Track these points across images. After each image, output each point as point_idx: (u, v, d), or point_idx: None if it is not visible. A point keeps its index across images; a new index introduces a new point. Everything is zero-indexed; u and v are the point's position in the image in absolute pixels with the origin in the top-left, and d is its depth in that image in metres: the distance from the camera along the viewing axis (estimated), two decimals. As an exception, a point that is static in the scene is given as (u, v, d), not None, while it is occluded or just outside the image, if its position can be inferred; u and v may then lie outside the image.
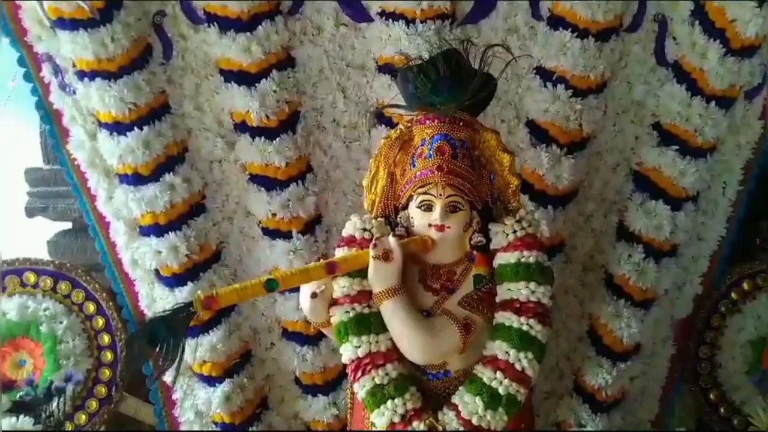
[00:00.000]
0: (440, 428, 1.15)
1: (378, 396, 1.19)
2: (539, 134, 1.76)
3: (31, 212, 2.09)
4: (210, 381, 1.77)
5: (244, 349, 1.82)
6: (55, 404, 1.49)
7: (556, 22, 1.70)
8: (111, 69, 1.59)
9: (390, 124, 1.66)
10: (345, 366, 1.26)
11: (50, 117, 1.72)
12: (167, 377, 1.77)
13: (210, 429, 1.79)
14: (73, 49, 1.58)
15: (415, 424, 1.16)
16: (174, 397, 1.83)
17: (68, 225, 2.09)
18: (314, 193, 1.75)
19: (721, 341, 1.95)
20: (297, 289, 1.36)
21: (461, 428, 1.16)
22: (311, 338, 1.78)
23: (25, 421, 1.29)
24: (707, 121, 1.73)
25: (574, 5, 1.66)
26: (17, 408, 1.38)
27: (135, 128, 1.63)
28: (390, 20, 1.66)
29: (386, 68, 1.70)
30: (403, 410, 1.18)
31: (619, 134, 1.84)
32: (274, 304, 1.82)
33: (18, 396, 1.47)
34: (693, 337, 1.96)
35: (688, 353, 1.96)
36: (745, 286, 1.95)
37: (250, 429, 1.78)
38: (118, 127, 1.64)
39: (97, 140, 1.70)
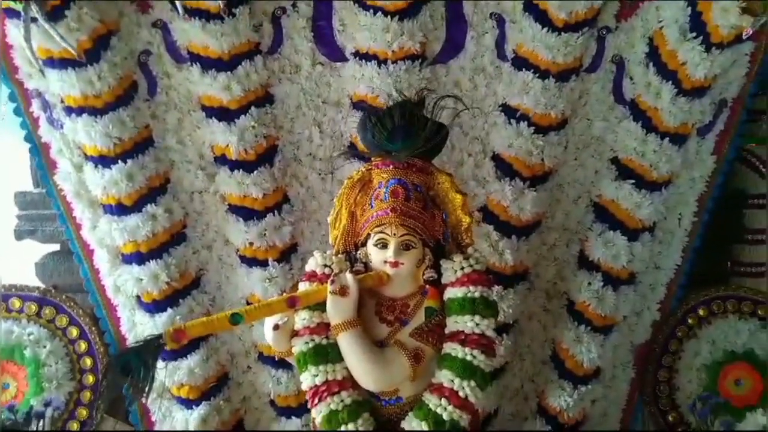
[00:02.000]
0: None
1: (333, 421, 1.24)
2: (504, 168, 1.82)
3: (20, 235, 2.11)
4: (187, 403, 1.80)
5: (221, 372, 1.85)
6: (34, 428, 1.51)
7: (520, 63, 1.77)
8: (97, 105, 1.64)
9: (364, 159, 1.72)
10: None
11: (38, 149, 1.76)
12: (146, 399, 1.82)
13: (187, 450, 1.82)
14: (61, 86, 1.63)
15: None
16: (152, 419, 1.85)
17: (56, 247, 2.10)
18: (290, 223, 1.79)
19: (679, 365, 2.00)
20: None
21: None
22: (286, 362, 1.80)
23: None
24: (662, 157, 1.80)
25: (536, 47, 1.72)
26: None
27: (119, 161, 1.68)
28: (363, 60, 1.72)
29: (360, 105, 1.75)
30: None
31: (580, 168, 1.90)
32: (250, 329, 1.85)
33: (-1, 422, 1.50)
34: (652, 361, 2.00)
35: (647, 377, 2.01)
36: (701, 312, 2.01)
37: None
38: (103, 160, 1.68)
39: (83, 172, 1.74)
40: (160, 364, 1.68)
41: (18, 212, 2.11)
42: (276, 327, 1.29)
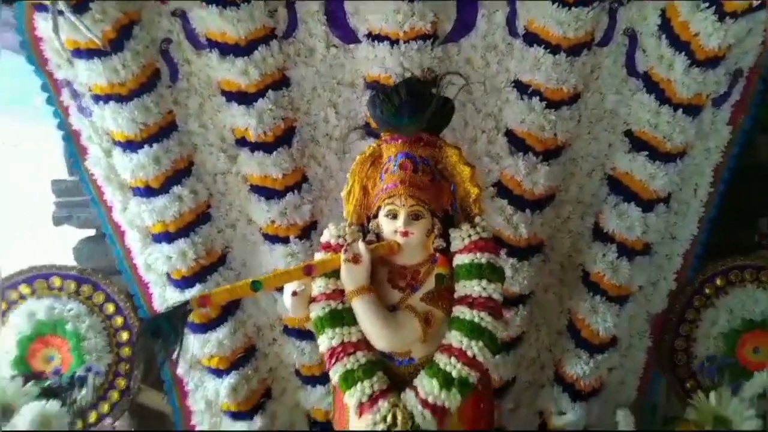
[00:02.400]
0: (400, 405, 1.26)
1: (349, 380, 1.30)
2: (517, 143, 1.84)
3: (58, 221, 2.19)
4: (218, 373, 1.88)
5: (249, 344, 1.93)
6: (78, 392, 1.63)
7: (531, 39, 1.77)
8: (122, 93, 1.71)
9: (375, 135, 1.75)
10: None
11: (70, 136, 1.84)
12: (176, 360, 1.92)
13: (219, 417, 1.92)
14: (88, 75, 1.70)
15: (380, 402, 1.27)
16: (186, 388, 1.95)
17: (91, 232, 2.20)
18: (309, 201, 1.85)
19: (696, 333, 2.01)
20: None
21: (419, 406, 1.27)
22: (310, 334, 1.88)
23: (54, 404, 1.42)
24: (675, 128, 1.80)
25: (547, 23, 1.73)
26: (46, 393, 1.51)
27: (145, 146, 1.75)
28: (376, 41, 1.75)
29: (373, 86, 1.78)
30: (370, 391, 1.29)
31: (593, 142, 1.91)
32: (275, 303, 1.94)
33: (46, 384, 1.61)
34: (668, 330, 2.02)
35: (664, 345, 2.03)
36: (718, 281, 2.02)
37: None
38: (130, 145, 1.75)
39: (112, 157, 1.82)
40: (192, 336, 1.83)
41: (55, 199, 2.21)
42: (294, 293, 1.36)
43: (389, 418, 1.25)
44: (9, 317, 1.88)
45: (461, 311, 1.32)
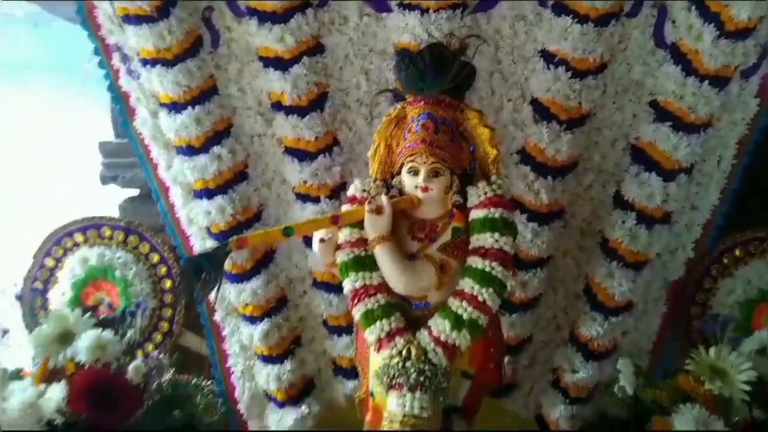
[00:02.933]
0: (415, 342, 1.38)
1: (369, 318, 1.42)
2: (541, 111, 1.89)
3: (104, 180, 2.37)
4: (252, 320, 2.02)
5: (281, 294, 2.06)
6: (128, 326, 1.79)
7: (560, 9, 1.81)
8: (168, 57, 1.81)
9: (401, 98, 1.79)
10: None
11: (119, 98, 1.97)
12: (217, 316, 2.08)
13: (252, 360, 2.08)
14: (137, 40, 1.81)
15: (396, 339, 1.38)
16: (223, 333, 2.10)
17: (136, 192, 2.37)
18: (339, 163, 1.95)
19: (712, 302, 2.05)
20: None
21: (432, 344, 1.37)
22: (337, 287, 1.98)
23: (109, 334, 1.57)
24: (700, 99, 1.82)
25: (576, -7, 1.77)
26: (101, 324, 1.65)
27: (188, 107, 1.86)
28: (407, 10, 1.80)
29: (402, 52, 1.85)
30: (388, 329, 1.40)
31: (618, 111, 1.94)
32: (306, 258, 2.06)
33: (101, 317, 1.78)
34: (685, 298, 2.07)
35: (680, 312, 2.08)
36: (737, 252, 2.04)
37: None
38: (174, 107, 1.87)
39: (158, 118, 1.94)
40: (229, 286, 1.97)
41: (102, 160, 2.38)
42: (322, 240, 1.48)
43: (404, 353, 1.36)
44: (65, 262, 2.06)
45: (474, 261, 1.41)
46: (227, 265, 1.87)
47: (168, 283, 2.09)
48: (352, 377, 2.04)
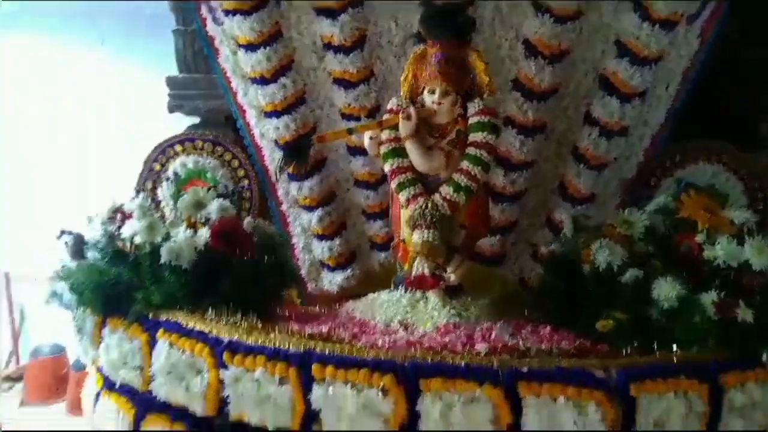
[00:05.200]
0: (431, 200, 1.94)
1: (402, 186, 1.98)
2: (531, 49, 2.36)
3: (171, 109, 2.72)
4: (310, 209, 2.57)
5: (330, 190, 2.59)
6: (237, 198, 2.30)
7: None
8: (244, 8, 2.30)
9: (423, 41, 2.15)
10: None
11: (206, 41, 2.47)
12: (284, 206, 2.68)
13: (311, 239, 2.69)
14: (221, -4, 2.29)
15: (419, 198, 1.95)
16: (288, 219, 2.66)
17: (197, 120, 2.74)
18: (375, 91, 2.43)
19: (655, 194, 2.59)
20: (365, 153, 2.21)
21: (441, 201, 1.94)
22: (373, 184, 2.54)
23: (227, 202, 2.03)
24: (653, 39, 2.30)
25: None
26: (220, 196, 2.10)
27: (261, 47, 2.35)
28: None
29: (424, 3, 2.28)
30: (414, 192, 1.96)
31: (590, 49, 2.42)
32: (349, 164, 2.59)
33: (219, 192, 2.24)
34: (635, 192, 2.54)
35: (630, 204, 2.60)
36: (677, 158, 2.57)
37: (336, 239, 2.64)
38: (250, 47, 2.37)
39: (237, 56, 2.43)
40: (293, 183, 2.55)
41: (169, 92, 2.72)
42: (371, 138, 2.04)
43: (423, 206, 1.93)
44: (169, 166, 2.62)
45: (470, 150, 1.96)
46: (293, 168, 2.44)
47: (245, 182, 2.67)
48: (384, 250, 2.63)
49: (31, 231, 3.27)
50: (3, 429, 2.56)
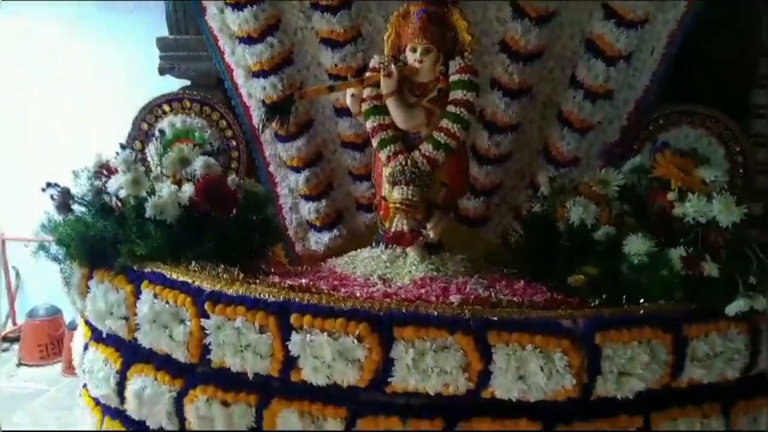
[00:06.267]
0: (411, 157, 1.98)
1: (383, 143, 2.02)
2: (518, 11, 2.36)
3: (162, 71, 2.68)
4: (296, 170, 2.60)
5: (317, 151, 2.62)
6: (220, 156, 2.33)
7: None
8: (232, -33, 2.32)
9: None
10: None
11: (195, -1, 2.47)
12: (272, 167, 2.71)
13: (297, 199, 2.73)
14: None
15: (399, 156, 1.99)
16: (275, 179, 2.69)
17: (188, 82, 2.70)
18: (362, 51, 2.44)
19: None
20: (351, 114, 2.22)
21: (421, 158, 1.97)
22: (360, 146, 2.57)
23: (211, 159, 2.04)
24: (639, 2, 2.31)
25: None
26: (204, 154, 2.10)
27: (248, 6, 2.35)
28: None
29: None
30: (395, 149, 2.00)
31: (577, 11, 2.42)
32: (336, 125, 2.61)
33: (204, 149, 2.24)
34: (618, 156, 2.61)
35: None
36: (661, 121, 2.60)
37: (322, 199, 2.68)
38: (237, 6, 2.36)
39: (224, 14, 2.43)
40: (280, 145, 2.58)
41: (160, 53, 2.68)
42: (353, 95, 2.07)
43: (404, 163, 1.97)
44: (156, 126, 2.64)
45: (450, 108, 1.98)
46: (281, 130, 2.48)
47: (233, 143, 2.69)
48: (370, 211, 2.64)
49: (25, 193, 3.31)
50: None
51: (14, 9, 3.55)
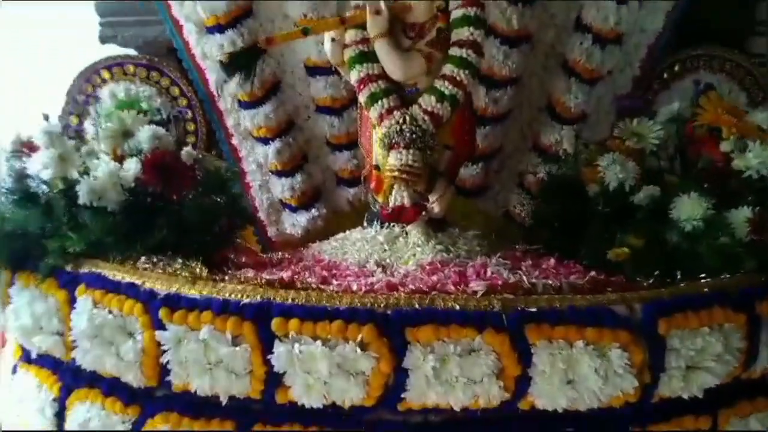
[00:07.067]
0: (409, 113, 1.63)
1: (373, 98, 1.65)
2: None
3: (103, 39, 2.35)
4: (265, 141, 2.24)
5: (288, 119, 2.26)
6: (173, 127, 1.98)
7: None
8: None
9: None
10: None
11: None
12: (235, 140, 2.33)
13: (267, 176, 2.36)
14: None
15: (395, 112, 1.63)
16: (240, 154, 2.33)
17: (133, 51, 2.36)
18: None
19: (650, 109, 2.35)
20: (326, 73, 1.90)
21: (421, 114, 1.62)
22: (337, 110, 2.23)
23: (161, 129, 1.71)
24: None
25: None
26: (153, 123, 1.77)
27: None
28: None
29: None
30: (388, 105, 1.63)
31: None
32: (309, 87, 2.25)
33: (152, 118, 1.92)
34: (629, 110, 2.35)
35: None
36: (676, 68, 2.32)
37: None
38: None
39: None
40: (244, 112, 2.19)
41: (100, 20, 2.33)
42: (333, 40, 1.69)
43: (401, 121, 1.61)
44: (95, 96, 2.23)
45: (454, 50, 1.64)
46: (243, 87, 2.08)
47: (189, 114, 2.29)
48: (353, 186, 2.33)
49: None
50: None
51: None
